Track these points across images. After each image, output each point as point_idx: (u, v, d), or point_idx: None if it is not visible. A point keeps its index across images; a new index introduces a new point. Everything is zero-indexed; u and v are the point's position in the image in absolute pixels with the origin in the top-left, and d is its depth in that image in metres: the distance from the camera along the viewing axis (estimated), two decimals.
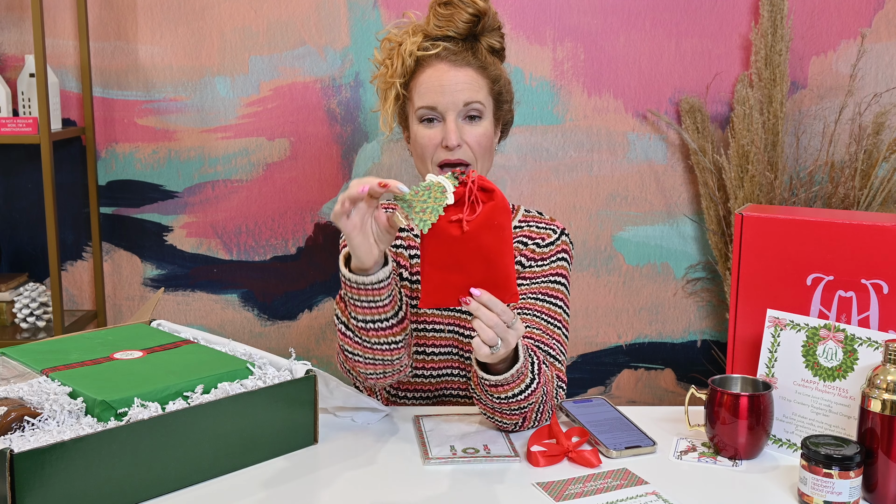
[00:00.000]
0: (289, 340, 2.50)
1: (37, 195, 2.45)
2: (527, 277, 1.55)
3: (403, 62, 1.51)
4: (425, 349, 1.58)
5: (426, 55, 1.51)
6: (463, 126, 1.51)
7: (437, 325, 1.57)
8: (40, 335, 2.31)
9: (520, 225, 1.61)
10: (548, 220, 1.62)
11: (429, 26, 1.53)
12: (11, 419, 1.11)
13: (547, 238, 1.58)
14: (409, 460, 1.26)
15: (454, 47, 1.52)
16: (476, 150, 1.52)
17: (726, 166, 2.31)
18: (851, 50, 2.36)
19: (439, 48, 1.50)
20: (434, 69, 1.51)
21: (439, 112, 1.51)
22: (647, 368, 2.54)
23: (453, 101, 1.50)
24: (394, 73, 1.53)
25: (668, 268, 2.49)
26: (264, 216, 2.46)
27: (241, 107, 2.41)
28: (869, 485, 1.16)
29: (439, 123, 1.52)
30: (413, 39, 1.51)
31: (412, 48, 1.51)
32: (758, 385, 1.32)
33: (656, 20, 2.38)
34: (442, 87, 1.50)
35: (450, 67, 1.51)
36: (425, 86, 1.51)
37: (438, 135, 1.51)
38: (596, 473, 1.24)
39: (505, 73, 1.59)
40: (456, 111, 1.50)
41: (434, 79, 1.51)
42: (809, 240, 1.36)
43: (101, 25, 2.38)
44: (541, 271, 1.55)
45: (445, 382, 1.59)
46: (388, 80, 1.54)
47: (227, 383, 1.25)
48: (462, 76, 1.51)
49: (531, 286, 1.54)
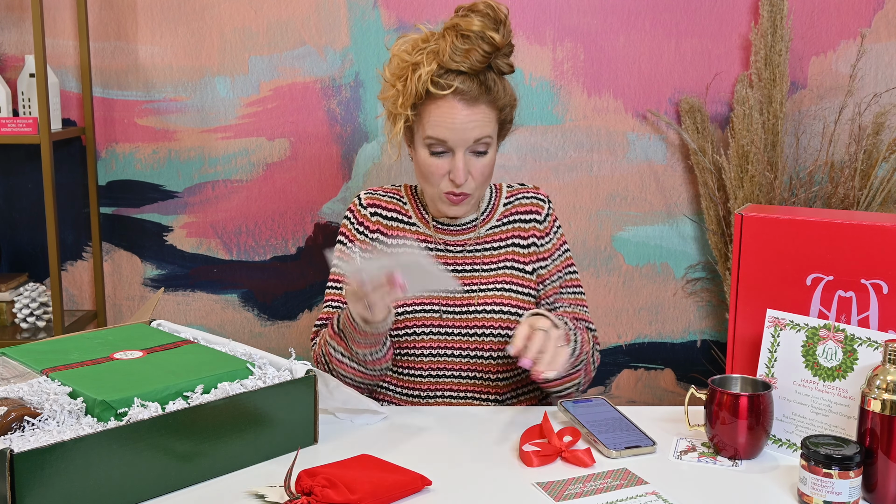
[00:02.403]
0: (289, 340, 2.50)
1: (37, 195, 2.45)
2: (545, 279, 1.64)
3: (416, 91, 1.50)
4: (414, 350, 1.59)
5: (440, 93, 1.50)
6: (470, 159, 1.54)
7: (424, 326, 1.59)
8: (40, 335, 2.31)
9: (509, 200, 1.68)
10: (532, 190, 1.70)
11: (444, 57, 1.49)
12: (11, 419, 1.11)
13: (541, 210, 1.67)
14: (409, 460, 1.26)
15: (468, 86, 1.50)
16: (479, 180, 1.57)
17: (726, 166, 2.31)
18: (851, 50, 2.36)
19: (454, 87, 1.49)
20: (448, 105, 1.51)
21: (449, 147, 1.53)
22: (647, 368, 2.54)
23: (464, 139, 1.52)
24: (406, 101, 1.52)
25: (667, 268, 2.49)
26: (264, 216, 2.46)
27: (241, 107, 2.42)
28: (869, 485, 1.16)
29: (447, 155, 1.54)
30: (427, 68, 1.49)
31: (426, 78, 1.49)
32: (758, 385, 1.32)
33: (656, 20, 2.38)
34: (454, 124, 1.51)
35: (464, 107, 1.51)
36: (436, 119, 1.51)
37: (446, 166, 1.54)
38: (596, 473, 1.24)
39: (511, 91, 1.58)
40: (465, 147, 1.53)
41: (447, 115, 1.51)
42: (809, 240, 1.36)
43: (101, 25, 2.38)
44: (554, 268, 1.65)
45: (440, 384, 1.60)
46: (400, 109, 1.53)
47: (227, 383, 1.25)
48: (475, 115, 1.51)
49: (553, 284, 1.64)
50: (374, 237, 1.64)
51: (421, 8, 2.36)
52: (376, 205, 1.66)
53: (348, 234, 1.66)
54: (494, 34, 1.48)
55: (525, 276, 1.63)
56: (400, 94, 1.53)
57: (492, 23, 1.49)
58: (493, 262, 1.63)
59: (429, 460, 1.27)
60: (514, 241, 1.65)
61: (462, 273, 1.62)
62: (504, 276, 1.62)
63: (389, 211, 1.66)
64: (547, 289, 1.64)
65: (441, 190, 1.56)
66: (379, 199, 1.67)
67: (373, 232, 1.64)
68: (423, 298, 1.59)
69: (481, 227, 1.65)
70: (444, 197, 1.57)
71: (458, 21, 1.50)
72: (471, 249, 1.63)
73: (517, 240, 1.65)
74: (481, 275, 1.62)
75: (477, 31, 1.48)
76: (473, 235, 1.64)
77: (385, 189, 1.69)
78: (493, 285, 1.60)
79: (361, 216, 1.65)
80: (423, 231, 1.64)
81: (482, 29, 1.48)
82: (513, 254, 1.64)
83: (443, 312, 1.59)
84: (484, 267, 1.62)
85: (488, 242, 1.64)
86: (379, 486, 1.14)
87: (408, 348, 1.59)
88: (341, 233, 1.67)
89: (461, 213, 1.60)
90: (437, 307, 1.59)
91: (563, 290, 1.65)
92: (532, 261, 1.64)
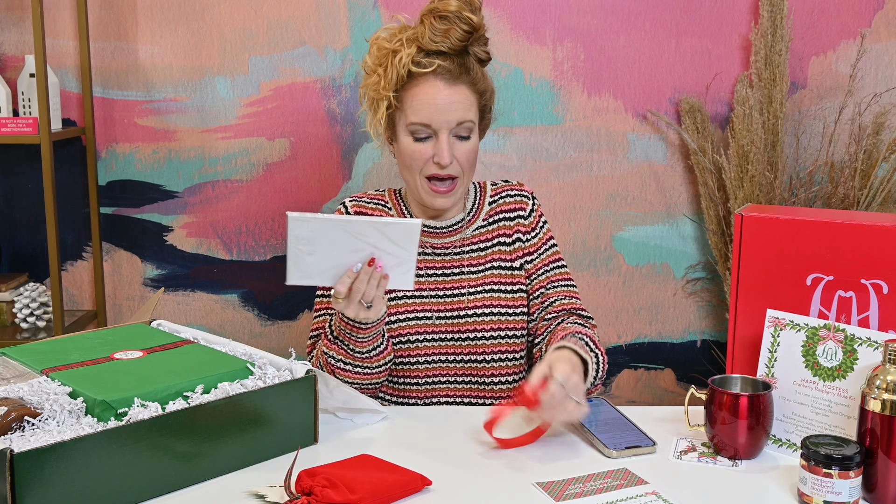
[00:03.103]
0: (289, 340, 2.50)
1: (37, 195, 2.45)
2: (532, 274, 1.64)
3: (397, 73, 1.51)
4: (409, 359, 1.59)
5: (422, 72, 1.51)
6: (454, 143, 1.55)
7: (418, 333, 1.59)
8: (40, 335, 2.31)
9: (493, 199, 1.68)
10: (516, 187, 1.70)
11: (423, 39, 1.51)
12: (11, 419, 1.11)
13: (525, 206, 1.67)
14: (409, 460, 1.26)
15: (448, 64, 1.52)
16: (464, 165, 1.56)
17: (726, 166, 2.31)
18: (851, 50, 2.36)
19: (435, 66, 1.51)
20: (429, 86, 1.52)
21: (433, 129, 1.53)
22: (647, 368, 2.54)
23: (447, 119, 1.52)
24: (387, 84, 1.53)
25: (667, 268, 2.49)
26: (264, 216, 2.46)
27: (241, 107, 2.42)
28: (869, 485, 1.16)
29: (430, 139, 1.54)
30: (408, 51, 1.51)
31: (407, 60, 1.51)
32: (758, 385, 1.32)
33: (656, 20, 2.38)
34: (437, 105, 1.51)
35: (445, 86, 1.52)
36: (419, 102, 1.52)
37: (430, 150, 1.54)
38: (596, 473, 1.24)
39: (489, 80, 1.61)
40: (448, 129, 1.53)
41: (429, 96, 1.52)
42: (809, 240, 1.36)
43: (101, 25, 2.38)
44: (541, 262, 1.65)
45: (435, 391, 1.60)
46: (382, 92, 1.54)
47: (227, 383, 1.25)
48: (456, 95, 1.52)
49: (540, 279, 1.63)
50: None
51: (421, 8, 2.36)
52: (362, 211, 1.65)
53: None
54: (471, 15, 1.51)
55: (513, 274, 1.63)
56: (381, 78, 1.54)
57: (468, 5, 1.52)
58: (479, 264, 1.63)
59: (429, 460, 1.27)
60: (499, 239, 1.65)
61: (450, 276, 1.61)
62: (492, 276, 1.62)
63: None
64: (534, 282, 1.63)
65: (425, 174, 1.55)
66: (364, 206, 1.66)
67: None
68: (414, 305, 1.59)
69: (467, 228, 1.64)
70: (428, 188, 1.56)
71: (435, 5, 1.53)
72: (458, 252, 1.63)
73: (502, 237, 1.65)
74: (469, 277, 1.61)
75: (454, 11, 1.50)
76: (459, 237, 1.64)
77: (370, 195, 1.69)
78: (481, 287, 1.60)
79: None
80: None
81: (459, 10, 1.51)
82: (498, 253, 1.64)
83: (435, 318, 1.59)
84: (471, 269, 1.62)
85: (474, 244, 1.64)
86: (379, 486, 1.14)
87: (401, 356, 1.59)
88: None
89: (448, 204, 1.58)
90: (430, 313, 1.59)
91: (554, 284, 1.63)
92: (518, 256, 1.64)
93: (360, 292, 1.38)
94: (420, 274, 1.60)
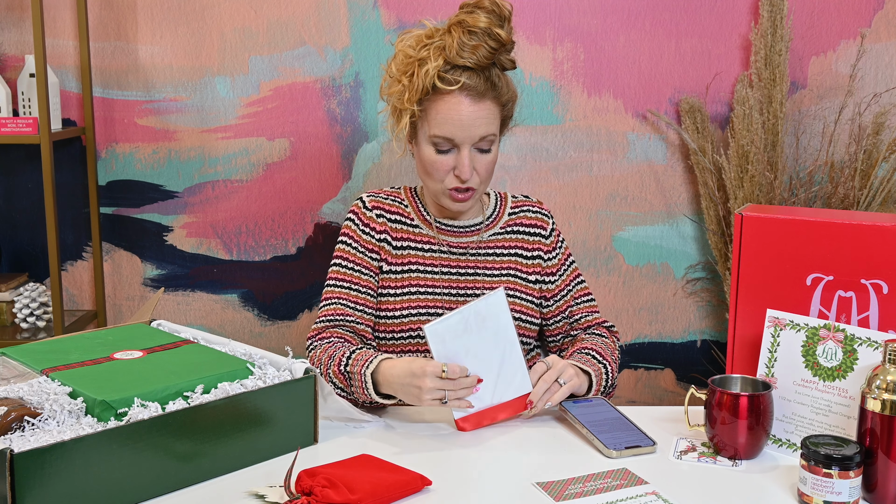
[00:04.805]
0: (289, 340, 2.50)
1: (37, 195, 2.45)
2: (556, 294, 1.67)
3: (423, 86, 1.51)
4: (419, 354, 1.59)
5: (447, 88, 1.51)
6: (474, 155, 1.55)
7: (408, 333, 1.60)
8: (40, 335, 2.31)
9: (514, 211, 1.69)
10: (536, 204, 1.71)
11: (451, 53, 1.50)
12: (11, 419, 1.11)
13: (545, 226, 1.68)
14: (409, 460, 1.26)
15: (474, 81, 1.51)
16: (484, 176, 1.57)
17: (726, 166, 2.31)
18: (851, 50, 2.36)
19: (461, 83, 1.50)
20: (454, 100, 1.51)
21: (455, 143, 1.53)
22: (647, 368, 2.54)
23: (470, 136, 1.52)
24: (412, 96, 1.52)
25: (667, 268, 2.49)
26: (264, 216, 2.46)
27: (241, 107, 2.42)
28: (869, 485, 1.16)
29: (452, 152, 1.54)
30: (434, 64, 1.50)
31: (433, 73, 1.50)
32: (758, 385, 1.32)
33: (656, 20, 2.38)
34: (461, 121, 1.51)
35: (470, 102, 1.51)
36: (443, 116, 1.52)
37: (451, 162, 1.55)
38: (596, 473, 1.24)
39: (512, 87, 1.60)
40: (471, 143, 1.53)
41: (454, 112, 1.51)
42: (809, 240, 1.36)
43: (101, 25, 2.38)
44: (563, 282, 1.68)
45: None
46: (406, 104, 1.53)
47: (227, 383, 1.25)
48: (481, 111, 1.52)
49: (565, 298, 1.67)
50: (382, 238, 1.63)
51: (421, 7, 2.36)
52: (380, 207, 1.66)
53: (353, 236, 1.64)
54: (500, 30, 1.50)
55: (528, 286, 1.64)
56: (406, 89, 1.53)
57: (497, 19, 1.50)
58: (495, 268, 1.63)
59: (429, 460, 1.27)
60: (517, 251, 1.65)
61: (464, 276, 1.62)
62: (507, 282, 1.62)
63: (393, 213, 1.66)
64: (560, 303, 1.66)
65: (445, 186, 1.56)
66: (382, 202, 1.66)
67: (380, 233, 1.63)
68: (426, 301, 1.59)
69: (485, 232, 1.65)
70: (448, 192, 1.57)
71: (464, 17, 1.51)
72: (473, 253, 1.63)
73: (520, 250, 1.66)
74: (483, 279, 1.62)
75: (483, 28, 1.49)
76: (476, 239, 1.64)
77: (386, 192, 1.69)
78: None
79: (367, 218, 1.64)
80: (427, 233, 1.64)
81: (489, 25, 1.49)
82: (516, 263, 1.65)
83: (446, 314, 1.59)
84: (486, 272, 1.62)
85: (491, 248, 1.64)
86: (379, 486, 1.14)
87: (411, 352, 1.59)
88: (344, 234, 1.66)
89: (465, 208, 1.60)
90: (441, 309, 1.59)
91: (577, 301, 1.68)
92: (535, 272, 1.65)
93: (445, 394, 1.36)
94: (434, 271, 1.61)
